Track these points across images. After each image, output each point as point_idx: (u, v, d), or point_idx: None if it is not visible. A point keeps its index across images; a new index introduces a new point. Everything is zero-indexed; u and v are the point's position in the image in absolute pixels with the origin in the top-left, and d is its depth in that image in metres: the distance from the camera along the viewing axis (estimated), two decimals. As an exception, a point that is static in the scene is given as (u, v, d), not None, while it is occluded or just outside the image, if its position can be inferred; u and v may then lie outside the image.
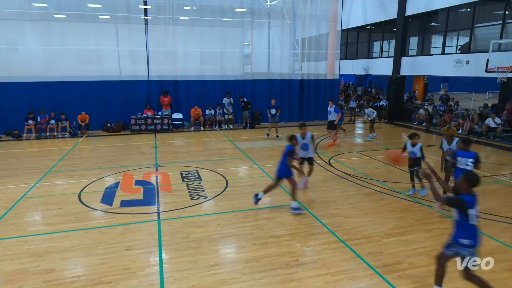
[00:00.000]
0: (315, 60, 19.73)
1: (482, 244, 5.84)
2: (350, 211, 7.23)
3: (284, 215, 7.02)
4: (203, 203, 7.66)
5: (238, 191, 8.37)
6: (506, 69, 12.07)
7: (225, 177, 9.41)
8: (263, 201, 7.81)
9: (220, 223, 6.64)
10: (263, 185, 8.83)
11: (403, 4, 19.11)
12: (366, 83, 32.15)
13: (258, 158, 11.54)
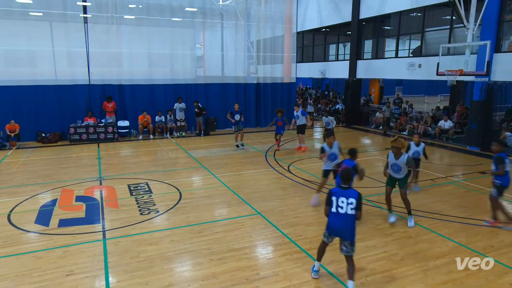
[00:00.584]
0: (271, 63, 20.07)
1: (439, 246, 6.27)
2: (311, 219, 7.38)
3: (243, 226, 7.02)
4: (154, 218, 7.44)
5: (192, 203, 8.23)
6: (455, 72, 13.11)
7: (178, 189, 9.23)
8: (220, 213, 7.76)
9: (173, 239, 6.48)
10: (220, 195, 8.81)
11: (357, 7, 20.13)
12: (323, 86, 33.28)
13: (213, 167, 11.46)
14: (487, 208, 8.24)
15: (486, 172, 7.83)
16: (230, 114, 14.15)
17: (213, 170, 11.04)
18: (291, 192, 9.08)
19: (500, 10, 13.22)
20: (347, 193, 4.89)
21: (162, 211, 7.77)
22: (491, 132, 13.88)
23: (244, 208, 7.95)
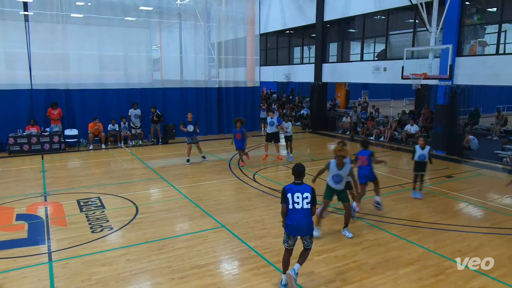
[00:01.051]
0: (234, 66, 20.15)
1: (408, 253, 6.51)
2: (279, 230, 7.41)
3: (207, 241, 6.93)
4: (107, 236, 7.17)
5: (150, 218, 8.03)
6: (419, 76, 13.81)
7: (135, 203, 8.98)
8: (181, 227, 7.62)
9: (129, 258, 6.27)
10: (180, 208, 8.66)
11: (321, 9, 20.74)
12: (288, 90, 33.83)
13: (173, 178, 11.28)
14: (454, 212, 8.69)
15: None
16: (183, 125, 13.09)
17: (172, 181, 10.86)
18: (257, 202, 9.09)
19: (460, 15, 14.11)
20: (301, 188, 5.19)
21: (116, 228, 7.51)
22: (455, 136, 14.69)
23: (207, 221, 7.87)
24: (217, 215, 8.20)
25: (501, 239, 7.10)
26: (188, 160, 13.17)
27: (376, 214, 8.34)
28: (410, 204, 9.11)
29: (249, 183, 10.76)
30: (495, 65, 13.35)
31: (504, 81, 13.38)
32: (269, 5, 24.81)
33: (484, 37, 14.50)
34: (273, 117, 13.60)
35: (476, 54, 14.10)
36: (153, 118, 16.65)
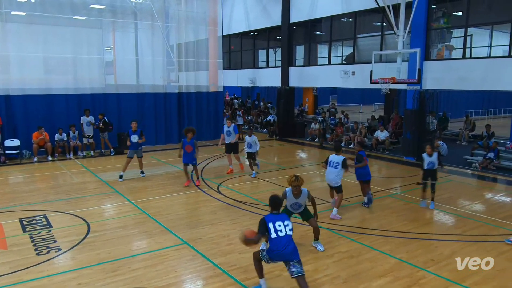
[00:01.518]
0: (195, 70, 20.07)
1: (381, 264, 6.67)
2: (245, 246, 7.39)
3: (167, 260, 6.79)
4: (55, 258, 6.88)
5: (104, 237, 7.79)
6: (388, 80, 14.33)
7: (86, 220, 8.68)
8: (138, 246, 7.44)
9: (81, 282, 6.03)
10: (138, 225, 8.45)
11: (287, 10, 21.11)
12: (253, 95, 34.05)
13: (129, 191, 11.04)
14: (426, 220, 9.02)
15: None
16: (127, 136, 12.36)
17: (128, 195, 10.61)
18: (222, 215, 9.04)
19: (427, 18, 14.81)
20: (280, 217, 5.61)
21: (65, 249, 7.22)
22: (425, 142, 15.28)
23: (167, 238, 7.73)
24: (179, 231, 8.07)
25: (472, 246, 7.42)
26: (122, 176, 12.22)
27: (347, 225, 8.50)
28: (382, 213, 9.36)
29: (213, 195, 10.68)
30: (462, 69, 14.08)
31: (471, 85, 14.12)
32: (232, 6, 24.97)
33: (451, 41, 15.28)
34: (230, 126, 13.18)
35: (443, 58, 14.81)
36: (100, 126, 16.18)
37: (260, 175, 12.94)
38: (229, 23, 24.92)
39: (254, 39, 25.22)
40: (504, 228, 8.36)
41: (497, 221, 8.87)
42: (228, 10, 24.52)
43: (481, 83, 13.73)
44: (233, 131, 13.17)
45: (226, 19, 23.34)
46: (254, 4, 23.62)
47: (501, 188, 12.22)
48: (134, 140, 12.25)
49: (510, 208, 10.04)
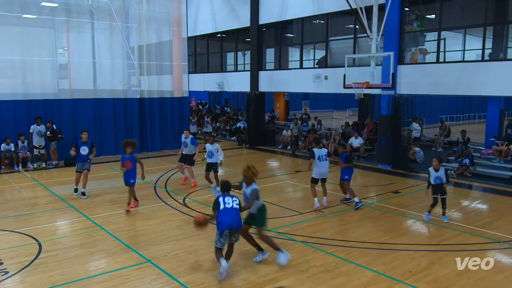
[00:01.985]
0: (158, 74, 19.89)
1: (358, 277, 6.77)
2: (215, 261, 7.33)
3: (129, 280, 6.65)
4: (1, 282, 6.61)
5: (58, 257, 7.55)
6: (362, 85, 14.67)
7: (37, 239, 8.39)
8: (96, 266, 7.24)
9: (31, 308, 5.80)
10: (96, 243, 8.25)
11: (256, 11, 21.30)
12: (222, 101, 34.02)
13: (86, 206, 10.78)
14: (403, 230, 9.23)
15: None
16: (74, 147, 11.56)
17: (85, 211, 10.34)
18: (188, 230, 8.95)
19: (400, 21, 15.31)
20: (230, 196, 6.99)
21: (13, 272, 6.95)
22: (400, 148, 15.72)
23: (129, 256, 7.58)
24: (141, 248, 7.94)
25: (450, 256, 7.65)
26: (76, 189, 11.82)
27: (322, 237, 8.59)
28: (358, 223, 9.52)
29: (178, 209, 10.57)
30: (436, 73, 14.61)
31: (445, 90, 14.67)
32: (198, 6, 24.97)
33: (425, 45, 15.84)
34: (188, 137, 12.61)
35: (417, 62, 15.33)
36: (48, 135, 15.70)
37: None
38: (195, 24, 24.89)
39: (221, 41, 25.27)
40: (481, 237, 8.67)
41: (474, 229, 9.19)
42: (193, 10, 24.49)
43: (455, 88, 14.28)
44: (190, 143, 12.62)
45: (191, 19, 23.29)
46: (221, 4, 23.71)
47: (477, 195, 12.69)
48: (83, 153, 11.53)
49: (487, 215, 10.44)
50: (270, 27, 21.56)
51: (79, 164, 11.66)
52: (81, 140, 11.63)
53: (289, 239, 8.50)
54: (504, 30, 15.47)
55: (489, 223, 9.63)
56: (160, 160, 17.24)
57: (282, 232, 8.90)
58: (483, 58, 14.04)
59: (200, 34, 25.57)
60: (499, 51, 15.59)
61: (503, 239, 8.55)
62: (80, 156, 11.54)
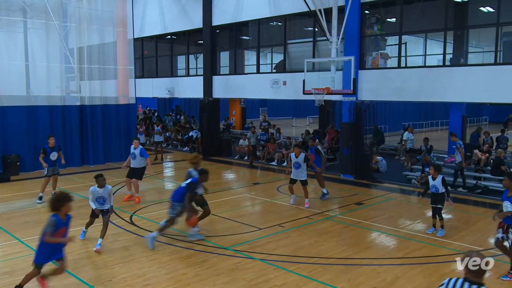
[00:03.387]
0: (101, 79, 19.47)
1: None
2: (165, 285, 7.22)
3: (68, 309, 6.38)
4: None
5: (-15, 286, 7.15)
6: (322, 90, 14.97)
7: (-40, 267, 7.91)
8: (31, 295, 6.93)
9: None
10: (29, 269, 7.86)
11: (209, 12, 21.31)
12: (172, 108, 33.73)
13: (18, 227, 10.35)
14: (367, 244, 9.45)
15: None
16: (43, 154, 12.18)
17: (17, 233, 9.92)
18: (136, 251, 8.77)
19: (361, 24, 15.81)
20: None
21: None
22: (363, 158, 16.14)
23: (68, 283, 7.33)
24: (82, 273, 7.70)
25: (416, 270, 7.91)
26: (41, 197, 12.42)
27: (282, 254, 8.64)
28: (320, 238, 9.65)
29: (125, 228, 10.35)
30: (398, 79, 15.16)
31: (407, 96, 15.25)
32: (145, 4, 24.69)
33: (386, 49, 16.42)
34: (137, 148, 12.49)
35: (378, 67, 15.85)
36: None
37: (181, 201, 12.74)
38: (142, 25, 24.57)
39: (171, 43, 25.08)
40: (446, 248, 9.02)
41: (438, 240, 9.55)
42: (140, 10, 24.18)
43: (418, 94, 14.88)
44: (140, 155, 12.47)
45: (137, 19, 22.98)
46: (171, 3, 23.56)
47: (442, 205, 13.20)
48: (53, 158, 12.42)
49: (452, 226, 10.88)
50: (225, 28, 21.63)
51: (49, 168, 12.39)
52: (48, 145, 12.36)
53: (248, 257, 8.49)
54: (464, 35, 16.33)
55: (454, 234, 10.04)
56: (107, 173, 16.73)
57: (240, 250, 8.88)
58: (444, 63, 14.73)
59: (147, 36, 25.26)
60: (460, 56, 16.42)
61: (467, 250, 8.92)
62: (49, 162, 12.32)
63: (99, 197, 9.01)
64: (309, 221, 10.94)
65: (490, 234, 10.25)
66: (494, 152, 16.22)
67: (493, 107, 38.17)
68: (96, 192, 8.99)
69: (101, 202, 9.04)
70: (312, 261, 8.34)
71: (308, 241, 9.51)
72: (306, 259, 8.42)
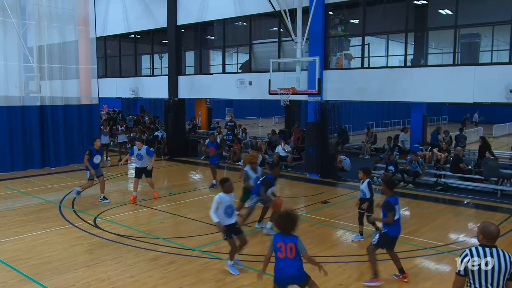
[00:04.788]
0: (62, 78, 19.02)
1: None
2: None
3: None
4: None
5: None
6: (287, 91, 15.10)
7: None
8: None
9: None
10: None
11: (173, 11, 21.12)
12: (136, 109, 33.25)
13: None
14: (332, 242, 9.59)
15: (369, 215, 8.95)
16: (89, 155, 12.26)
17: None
18: (101, 254, 8.61)
19: (325, 25, 16.03)
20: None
21: None
22: (328, 157, 16.37)
23: (29, 289, 7.08)
24: (44, 279, 7.49)
25: (380, 266, 8.04)
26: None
27: (249, 254, 8.65)
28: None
29: (88, 231, 10.13)
30: (361, 79, 15.47)
31: (370, 96, 15.59)
32: (108, 2, 24.25)
33: (349, 50, 16.72)
34: (141, 148, 12.54)
35: (342, 68, 16.13)
36: None
37: (147, 203, 12.60)
38: (105, 23, 24.12)
39: (135, 42, 24.73)
40: (408, 244, 9.26)
41: (402, 237, 9.72)
42: (102, 8, 23.73)
43: (380, 94, 15.24)
44: (146, 153, 12.55)
45: (100, 18, 22.54)
46: (135, 2, 23.23)
47: (403, 202, 13.54)
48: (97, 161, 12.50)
49: (413, 222, 11.18)
50: (190, 28, 21.50)
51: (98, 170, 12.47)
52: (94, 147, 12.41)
53: (215, 257, 8.47)
54: (424, 37, 16.83)
55: (416, 230, 10.32)
56: (66, 177, 16.38)
57: (207, 250, 8.84)
58: (405, 64, 15.13)
59: (111, 35, 24.83)
60: (420, 57, 16.91)
61: (429, 246, 9.21)
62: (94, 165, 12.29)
63: (228, 206, 7.46)
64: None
65: (451, 229, 10.65)
66: (453, 150, 16.75)
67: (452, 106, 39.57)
68: (224, 200, 7.41)
69: (229, 212, 7.47)
70: (279, 260, 8.38)
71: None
72: (273, 258, 8.44)
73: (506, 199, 13.07)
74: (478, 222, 10.91)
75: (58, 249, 8.96)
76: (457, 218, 11.76)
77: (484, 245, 4.53)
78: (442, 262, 8.54)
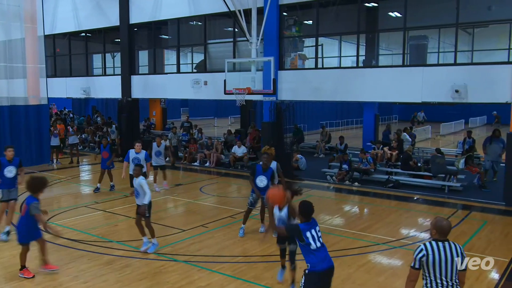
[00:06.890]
0: (8, 78, 18.22)
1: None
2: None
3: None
4: None
5: None
6: (243, 90, 15.13)
7: None
8: None
9: None
10: None
11: (125, 9, 20.66)
12: (88, 109, 32.37)
13: None
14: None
15: None
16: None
17: None
18: (51, 260, 8.26)
19: (279, 26, 16.18)
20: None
21: None
22: (284, 156, 16.51)
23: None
24: (-9, 288, 7.12)
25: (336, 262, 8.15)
26: None
27: (206, 255, 8.61)
28: (243, 237, 9.72)
29: (38, 236, 9.71)
30: (315, 79, 15.72)
31: (324, 96, 15.88)
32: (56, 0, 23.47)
33: (304, 50, 16.95)
34: (140, 152, 12.26)
35: (297, 68, 16.33)
36: None
37: (100, 205, 12.29)
38: (53, 21, 23.31)
39: (86, 41, 24.02)
40: (362, 240, 9.50)
41: (356, 233, 10.03)
42: (50, 5, 22.91)
43: (334, 94, 15.55)
44: (144, 159, 12.13)
45: (48, 15, 21.75)
46: (85, -1, 22.61)
47: (357, 199, 13.91)
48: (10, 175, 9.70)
49: (367, 219, 11.49)
50: (143, 27, 21.12)
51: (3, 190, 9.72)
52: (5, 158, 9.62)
53: (171, 259, 8.36)
54: (375, 38, 17.30)
55: (369, 226, 10.60)
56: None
57: (163, 253, 8.71)
58: (357, 65, 15.51)
59: (60, 33, 23.99)
60: (372, 58, 17.37)
61: (382, 241, 9.48)
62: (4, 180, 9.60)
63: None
64: (233, 220, 10.99)
65: (402, 225, 11.01)
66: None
67: (401, 106, 40.99)
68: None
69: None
70: (236, 260, 8.39)
71: (232, 240, 9.54)
72: (230, 258, 8.45)
73: (453, 194, 13.65)
74: (428, 217, 11.39)
75: (5, 256, 8.57)
76: (408, 214, 12.16)
77: (437, 239, 4.78)
78: (394, 256, 8.80)
